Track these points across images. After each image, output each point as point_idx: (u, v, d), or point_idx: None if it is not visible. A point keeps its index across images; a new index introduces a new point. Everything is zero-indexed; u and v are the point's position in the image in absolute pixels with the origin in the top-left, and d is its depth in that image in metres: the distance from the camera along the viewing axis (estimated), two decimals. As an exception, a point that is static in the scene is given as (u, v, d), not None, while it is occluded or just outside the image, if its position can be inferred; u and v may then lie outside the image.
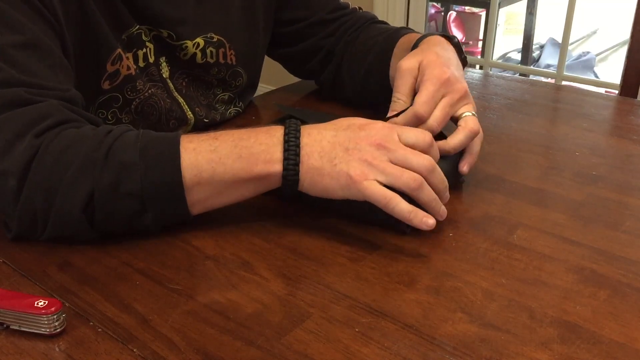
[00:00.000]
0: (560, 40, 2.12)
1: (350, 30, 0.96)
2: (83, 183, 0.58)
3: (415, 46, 0.81)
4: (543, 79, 2.45)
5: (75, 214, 0.59)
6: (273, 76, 1.45)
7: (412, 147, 0.62)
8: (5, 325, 0.51)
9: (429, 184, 0.62)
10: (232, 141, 0.62)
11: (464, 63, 0.82)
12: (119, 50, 0.76)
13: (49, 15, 0.67)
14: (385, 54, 0.88)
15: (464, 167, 0.72)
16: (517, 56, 3.41)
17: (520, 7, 3.23)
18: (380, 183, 0.60)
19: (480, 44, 3.30)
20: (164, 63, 0.84)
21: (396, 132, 0.63)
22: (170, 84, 0.85)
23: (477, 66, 2.39)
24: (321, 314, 0.53)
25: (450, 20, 3.31)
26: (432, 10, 3.31)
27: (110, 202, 0.59)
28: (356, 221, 0.66)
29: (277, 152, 0.61)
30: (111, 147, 0.60)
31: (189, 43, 0.83)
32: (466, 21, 3.38)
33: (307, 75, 1.05)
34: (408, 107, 0.71)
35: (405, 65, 0.75)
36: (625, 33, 1.69)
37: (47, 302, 0.50)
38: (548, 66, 3.27)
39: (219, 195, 0.63)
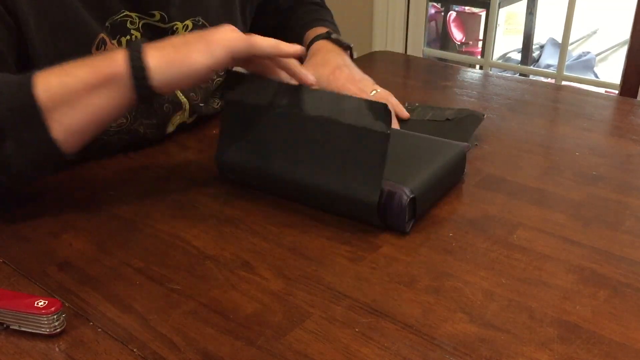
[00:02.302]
0: (560, 40, 2.12)
1: (286, 13, 1.07)
2: None
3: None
4: (543, 79, 2.44)
5: None
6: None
7: (258, 50, 0.66)
8: (5, 325, 0.51)
9: (285, 54, 0.68)
10: (82, 60, 0.64)
11: (348, 49, 0.94)
12: (102, 35, 0.77)
13: (8, 18, 0.68)
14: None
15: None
16: (517, 56, 3.41)
17: (520, 7, 3.23)
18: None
19: (480, 44, 3.30)
20: None
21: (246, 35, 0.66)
22: None
23: (477, 66, 2.39)
24: (321, 314, 0.53)
25: (450, 20, 3.31)
26: (432, 10, 3.31)
27: None
28: (356, 221, 0.66)
29: (120, 53, 0.63)
30: None
31: (179, 25, 0.84)
32: (466, 21, 3.37)
33: None
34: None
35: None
36: (625, 33, 1.69)
37: (47, 302, 0.50)
38: (548, 66, 3.26)
39: (74, 108, 0.62)
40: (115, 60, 0.62)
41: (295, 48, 0.69)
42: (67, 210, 0.68)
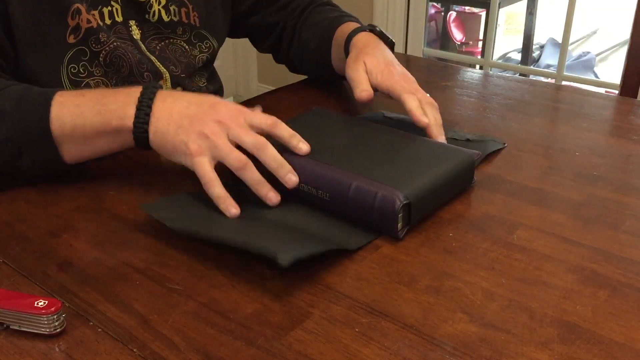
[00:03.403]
0: (560, 40, 2.12)
1: (297, 11, 1.04)
2: None
3: (346, 48, 0.92)
4: (543, 79, 2.44)
5: None
6: (273, 76, 1.46)
7: (255, 127, 0.67)
8: (5, 325, 0.51)
9: (262, 161, 0.65)
10: (96, 98, 0.69)
11: (392, 46, 0.93)
12: (77, 5, 0.79)
13: None
14: (326, 43, 0.98)
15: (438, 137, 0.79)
16: (517, 56, 3.41)
17: (520, 7, 3.23)
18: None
19: (480, 44, 3.30)
20: (134, 26, 0.86)
21: (244, 115, 0.67)
22: (142, 45, 0.87)
23: (477, 66, 2.39)
24: (321, 314, 0.53)
25: (450, 20, 3.31)
26: (432, 10, 3.31)
27: None
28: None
29: (130, 110, 0.67)
30: None
31: (154, 0, 0.87)
32: (466, 21, 3.38)
33: (267, 51, 1.11)
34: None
35: (353, 71, 0.86)
36: (625, 33, 1.69)
37: (47, 302, 0.50)
38: (548, 66, 3.26)
39: (84, 146, 0.70)
40: (124, 119, 0.67)
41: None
42: (67, 210, 0.68)
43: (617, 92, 1.68)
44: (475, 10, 3.34)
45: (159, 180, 0.75)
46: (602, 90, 2.03)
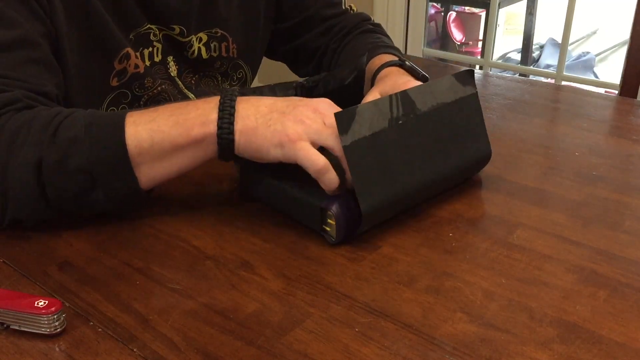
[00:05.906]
0: (560, 40, 2.12)
1: (340, 34, 0.97)
2: (32, 160, 0.60)
3: (372, 81, 0.83)
4: (543, 79, 2.44)
5: (28, 191, 0.60)
6: (273, 76, 1.46)
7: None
8: (5, 325, 0.51)
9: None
10: (170, 111, 0.63)
11: (424, 80, 0.82)
12: (127, 49, 0.78)
13: (44, 16, 0.69)
14: (360, 78, 0.87)
15: None
16: (517, 56, 3.41)
17: (520, 7, 3.23)
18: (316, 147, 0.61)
19: (480, 44, 3.30)
20: (172, 62, 0.85)
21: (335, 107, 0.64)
22: (179, 82, 0.87)
23: (477, 66, 2.39)
24: (321, 314, 0.53)
25: (450, 21, 3.31)
26: (432, 11, 3.31)
27: (60, 178, 0.61)
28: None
29: (213, 114, 0.62)
30: (59, 126, 0.62)
31: (194, 37, 0.85)
32: (466, 21, 3.37)
33: (305, 76, 1.02)
34: None
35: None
36: (625, 33, 1.69)
37: (47, 302, 0.50)
38: (548, 66, 3.26)
39: (162, 163, 0.63)
40: (206, 125, 0.62)
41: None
42: (67, 210, 0.68)
43: (617, 92, 1.68)
44: (475, 10, 3.33)
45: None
46: (602, 90, 2.03)
